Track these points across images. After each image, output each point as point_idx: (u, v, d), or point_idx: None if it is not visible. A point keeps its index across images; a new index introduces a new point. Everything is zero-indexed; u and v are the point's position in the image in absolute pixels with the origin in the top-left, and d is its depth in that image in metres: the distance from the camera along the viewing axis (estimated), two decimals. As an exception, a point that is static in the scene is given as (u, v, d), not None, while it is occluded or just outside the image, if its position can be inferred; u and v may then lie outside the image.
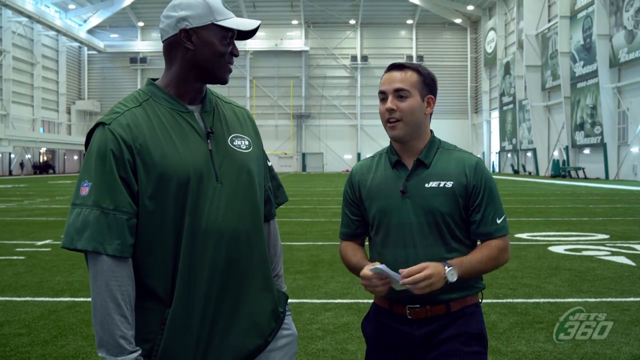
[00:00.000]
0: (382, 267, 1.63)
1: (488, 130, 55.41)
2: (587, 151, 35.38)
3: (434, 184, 1.76)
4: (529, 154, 44.03)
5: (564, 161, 37.59)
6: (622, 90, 31.27)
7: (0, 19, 45.66)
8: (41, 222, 11.62)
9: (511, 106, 46.73)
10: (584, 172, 34.36)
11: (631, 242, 8.49)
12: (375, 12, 56.83)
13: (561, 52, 36.39)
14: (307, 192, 21.92)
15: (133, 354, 1.39)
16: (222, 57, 1.51)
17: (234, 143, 1.57)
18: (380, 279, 1.66)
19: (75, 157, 57.96)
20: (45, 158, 53.97)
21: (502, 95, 49.31)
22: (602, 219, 11.81)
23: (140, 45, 58.12)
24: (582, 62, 34.16)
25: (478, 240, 1.83)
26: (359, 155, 58.10)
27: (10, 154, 46.29)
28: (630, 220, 11.50)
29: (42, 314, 4.75)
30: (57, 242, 8.75)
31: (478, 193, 1.76)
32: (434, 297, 1.74)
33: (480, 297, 1.86)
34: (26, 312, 4.79)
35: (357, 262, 1.84)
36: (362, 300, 5.11)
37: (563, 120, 37.13)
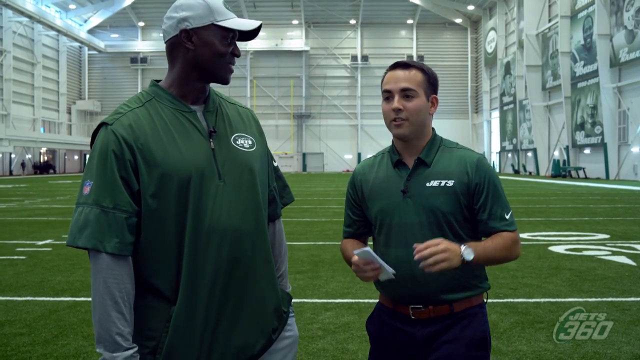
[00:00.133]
0: (367, 250, 1.59)
1: (488, 130, 55.40)
2: (587, 151, 35.38)
3: (435, 183, 1.73)
4: (530, 154, 44.03)
5: (564, 161, 37.59)
6: (623, 90, 31.26)
7: (1, 19, 45.68)
8: (42, 222, 11.62)
9: (511, 106, 46.74)
10: (584, 172, 34.35)
11: (632, 242, 8.49)
12: (376, 12, 56.84)
13: (561, 52, 36.40)
14: (308, 192, 21.92)
15: (128, 350, 1.40)
16: (222, 57, 1.53)
17: (237, 142, 1.57)
18: (367, 264, 1.62)
19: (76, 157, 57.97)
20: (46, 158, 53.97)
21: (502, 95, 49.31)
22: (603, 218, 11.81)
23: (141, 45, 58.14)
24: (582, 62, 34.16)
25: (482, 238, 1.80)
26: (359, 155, 58.09)
27: (10, 154, 46.30)
28: (631, 220, 11.50)
29: (43, 313, 4.75)
30: (58, 242, 8.76)
31: (482, 191, 1.73)
32: (437, 297, 1.73)
33: (485, 298, 1.83)
34: (27, 312, 4.80)
35: (352, 254, 1.83)
36: (362, 300, 5.11)
37: (563, 120, 37.13)
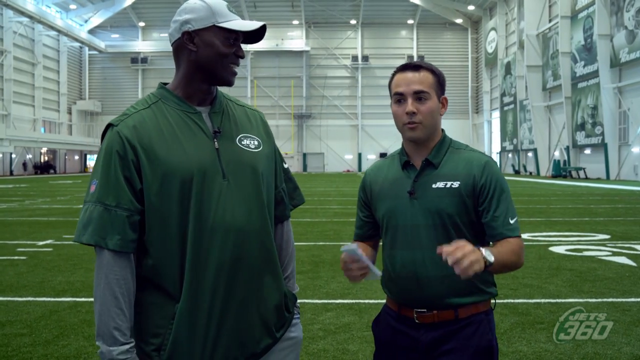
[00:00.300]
0: (354, 247, 1.56)
1: (489, 131, 55.41)
2: (588, 151, 35.37)
3: (440, 185, 1.71)
4: (530, 154, 44.03)
5: (564, 161, 37.59)
6: (623, 90, 31.26)
7: (2, 19, 45.70)
8: (42, 222, 11.63)
9: (512, 106, 46.74)
10: (584, 172, 34.35)
11: (632, 242, 8.49)
12: (376, 12, 56.84)
13: (562, 52, 36.37)
14: (308, 193, 21.93)
15: (125, 345, 1.43)
16: (224, 58, 1.54)
17: (243, 142, 1.60)
18: (354, 261, 1.58)
19: (76, 157, 58.00)
20: (46, 158, 53.99)
21: (502, 95, 49.32)
22: (603, 219, 11.81)
23: (141, 46, 58.15)
24: (582, 62, 34.16)
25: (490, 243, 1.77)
26: (359, 155, 58.10)
27: (11, 154, 46.32)
28: (631, 221, 11.50)
29: (44, 314, 4.76)
30: (59, 243, 8.77)
31: (487, 193, 1.70)
32: (442, 301, 1.70)
33: (493, 304, 1.78)
34: (28, 312, 4.81)
35: None
36: (363, 301, 5.10)
37: (564, 120, 37.12)
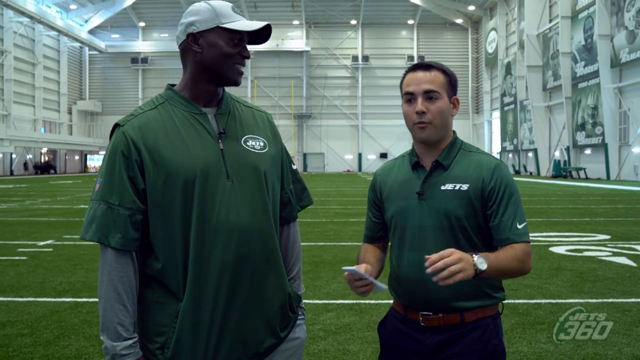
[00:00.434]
0: (354, 269, 1.58)
1: (489, 131, 55.39)
2: (588, 151, 35.37)
3: (449, 187, 1.70)
4: (530, 154, 44.02)
5: (565, 161, 37.57)
6: (623, 90, 31.24)
7: (2, 19, 45.68)
8: (43, 223, 11.64)
9: (512, 106, 46.73)
10: (585, 172, 34.34)
11: (632, 242, 8.50)
12: (376, 12, 56.83)
13: (562, 53, 36.34)
14: (308, 193, 21.88)
15: (128, 340, 1.46)
16: (229, 58, 1.56)
17: (248, 143, 1.61)
18: (355, 279, 1.59)
19: (77, 158, 58.01)
20: (47, 158, 53.99)
21: (503, 95, 49.30)
22: (604, 219, 11.81)
23: (142, 46, 58.13)
24: (583, 63, 34.15)
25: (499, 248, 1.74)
26: (359, 155, 58.09)
27: (11, 154, 46.33)
28: (632, 221, 11.50)
29: (45, 314, 4.77)
30: (59, 243, 8.78)
31: (496, 196, 1.68)
32: (448, 304, 1.68)
33: (500, 309, 1.76)
34: (28, 313, 4.81)
35: (361, 262, 1.80)
36: (363, 301, 5.10)
37: (564, 120, 37.10)
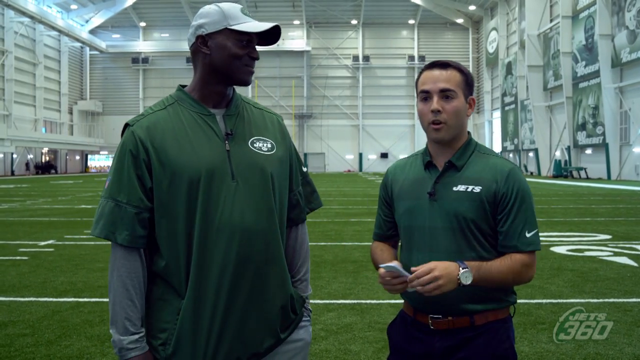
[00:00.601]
0: (394, 265, 1.57)
1: (490, 131, 55.38)
2: (589, 151, 35.34)
3: (461, 188, 1.67)
4: (531, 154, 44.00)
5: (565, 161, 37.55)
6: (624, 90, 31.23)
7: (3, 19, 45.72)
8: (44, 222, 11.64)
9: (513, 106, 46.71)
10: (586, 172, 34.33)
11: (633, 242, 8.49)
12: (377, 12, 56.82)
13: (563, 52, 36.32)
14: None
15: (135, 335, 1.51)
16: (237, 60, 1.58)
17: (255, 145, 1.62)
18: (394, 277, 1.58)
19: (77, 158, 58.03)
20: (47, 158, 54.03)
21: (503, 95, 49.28)
22: (605, 219, 11.81)
23: (142, 46, 58.15)
24: (584, 62, 34.13)
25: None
26: (360, 155, 58.08)
27: (12, 154, 46.36)
28: (633, 221, 11.49)
29: (46, 314, 4.77)
30: (60, 243, 8.79)
31: (507, 202, 1.65)
32: (457, 307, 1.66)
33: (512, 312, 1.74)
34: (30, 313, 4.81)
35: (382, 261, 1.76)
36: (364, 301, 5.10)
37: (565, 120, 37.08)
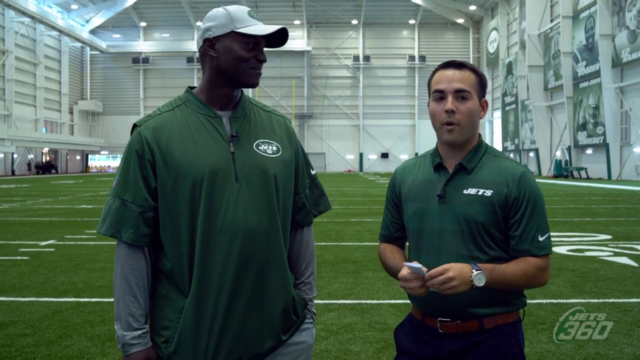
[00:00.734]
0: (419, 267, 1.53)
1: (490, 131, 55.37)
2: (589, 151, 35.33)
3: (472, 191, 1.65)
4: (532, 154, 43.99)
5: (566, 161, 37.54)
6: (625, 90, 31.21)
7: (3, 19, 45.74)
8: (44, 222, 11.65)
9: (513, 106, 46.71)
10: (586, 172, 34.32)
11: (634, 242, 8.49)
12: (378, 12, 56.82)
13: (563, 52, 36.30)
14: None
15: (137, 331, 1.54)
16: (244, 62, 1.60)
17: (260, 147, 1.63)
18: (418, 279, 1.55)
19: (78, 157, 58.05)
20: (48, 158, 54.05)
21: (504, 95, 49.28)
22: (605, 219, 11.81)
23: (143, 46, 58.15)
24: (584, 62, 34.12)
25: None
26: (361, 155, 58.09)
27: (13, 154, 46.39)
28: (633, 221, 11.49)
29: (47, 314, 4.78)
30: (61, 243, 8.79)
31: (519, 206, 1.63)
32: (466, 310, 1.64)
33: (521, 315, 1.72)
34: (31, 313, 4.82)
35: (395, 264, 1.75)
36: (365, 301, 5.10)
37: (565, 120, 37.07)
